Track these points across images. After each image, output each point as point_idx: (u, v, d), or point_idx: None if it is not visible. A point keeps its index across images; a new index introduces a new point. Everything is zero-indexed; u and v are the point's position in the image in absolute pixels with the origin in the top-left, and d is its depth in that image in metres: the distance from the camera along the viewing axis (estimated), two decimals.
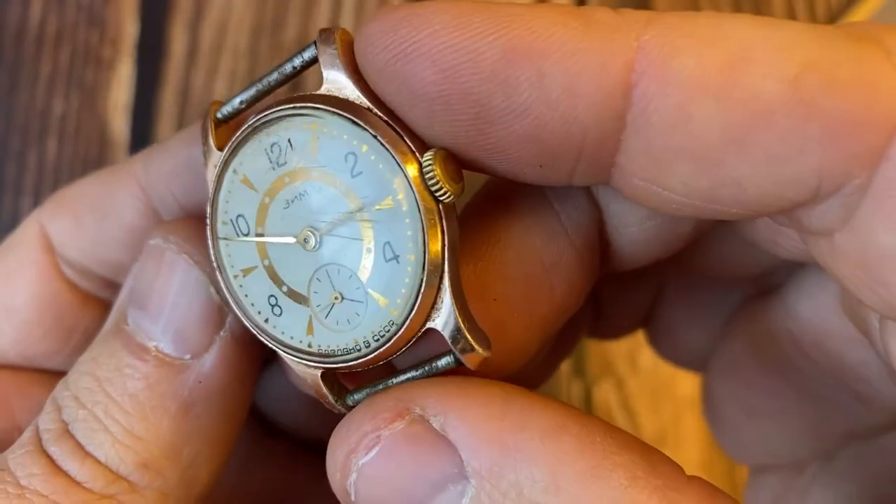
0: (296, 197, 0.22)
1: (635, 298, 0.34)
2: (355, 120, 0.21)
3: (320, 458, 0.35)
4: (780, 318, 0.29)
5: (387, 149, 0.21)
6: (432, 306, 0.22)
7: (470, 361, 0.22)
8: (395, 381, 0.23)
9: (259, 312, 0.24)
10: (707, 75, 0.19)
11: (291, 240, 0.23)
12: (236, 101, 0.24)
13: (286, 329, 0.23)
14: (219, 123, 0.24)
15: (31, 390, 0.29)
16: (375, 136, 0.21)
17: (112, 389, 0.24)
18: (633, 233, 0.26)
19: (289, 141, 0.22)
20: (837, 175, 0.19)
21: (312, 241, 0.22)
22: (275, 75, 0.23)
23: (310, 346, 0.23)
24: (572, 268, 0.25)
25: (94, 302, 0.29)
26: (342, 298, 0.22)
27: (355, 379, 0.24)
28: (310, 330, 0.23)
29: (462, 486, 0.20)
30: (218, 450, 0.25)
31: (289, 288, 0.23)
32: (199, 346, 0.25)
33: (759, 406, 0.30)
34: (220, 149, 0.24)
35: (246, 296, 0.24)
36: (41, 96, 0.45)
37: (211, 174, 0.24)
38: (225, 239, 0.24)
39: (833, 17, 0.51)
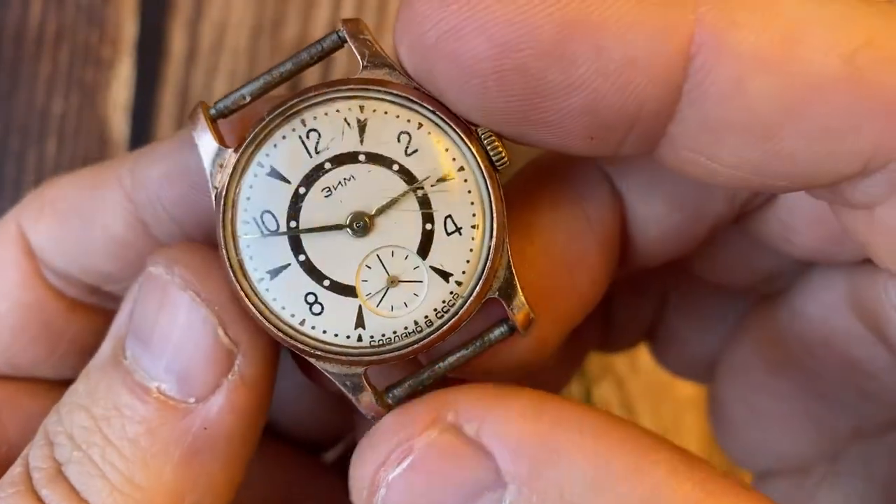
0: (339, 183, 0.22)
1: (641, 310, 0.34)
2: (410, 98, 0.22)
3: (319, 458, 0.35)
4: (788, 319, 0.29)
5: (448, 123, 0.22)
6: (494, 275, 0.22)
7: (522, 324, 0.23)
8: (443, 364, 0.23)
9: (293, 315, 0.22)
10: (765, 49, 0.19)
11: (339, 227, 0.22)
12: (238, 95, 0.23)
13: (329, 327, 0.22)
14: (215, 119, 0.23)
15: (21, 401, 0.28)
16: (434, 112, 0.22)
17: (110, 431, 0.22)
18: (653, 229, 0.26)
19: (344, 121, 0.22)
20: (889, 150, 0.19)
21: (363, 226, 0.22)
22: (288, 65, 0.23)
23: (359, 339, 0.22)
24: (595, 263, 0.25)
25: (81, 308, 0.28)
26: (398, 281, 0.22)
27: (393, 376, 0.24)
28: (359, 322, 0.22)
29: (499, 492, 0.20)
30: (222, 495, 0.24)
31: (332, 281, 0.22)
32: (204, 389, 0.23)
33: (767, 408, 0.30)
34: (224, 145, 0.23)
35: (275, 299, 0.22)
36: (41, 96, 0.45)
37: (215, 173, 0.23)
38: (247, 237, 0.22)
39: None
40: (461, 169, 0.22)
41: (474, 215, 0.22)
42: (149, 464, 0.22)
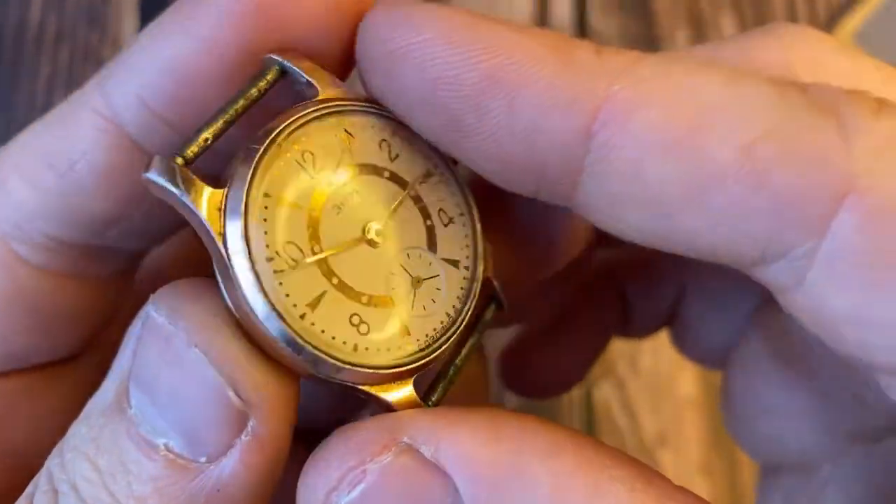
0: (345, 198, 0.22)
1: (661, 295, 0.34)
2: (379, 107, 0.23)
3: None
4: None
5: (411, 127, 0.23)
6: (489, 254, 0.24)
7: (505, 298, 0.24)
8: (460, 357, 0.24)
9: (344, 342, 0.21)
10: (667, 133, 0.19)
11: (359, 242, 0.22)
12: (200, 138, 0.21)
13: (381, 343, 0.22)
14: (187, 166, 0.21)
15: (20, 405, 0.26)
16: (400, 119, 0.23)
17: (116, 488, 0.21)
18: None
19: (334, 137, 0.22)
20: (783, 242, 0.19)
21: (377, 236, 0.22)
22: (241, 101, 0.22)
23: (409, 346, 0.22)
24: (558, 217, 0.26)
25: (71, 281, 0.25)
26: (421, 280, 0.23)
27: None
28: (404, 330, 0.22)
29: None
30: None
31: (369, 296, 0.22)
32: (216, 450, 0.21)
33: (773, 401, 0.30)
34: (209, 187, 0.21)
35: (323, 331, 0.21)
36: (41, 96, 0.45)
37: (214, 219, 0.21)
38: (277, 274, 0.21)
39: (833, 17, 0.51)
40: (436, 166, 0.24)
41: (458, 204, 0.24)
42: None
